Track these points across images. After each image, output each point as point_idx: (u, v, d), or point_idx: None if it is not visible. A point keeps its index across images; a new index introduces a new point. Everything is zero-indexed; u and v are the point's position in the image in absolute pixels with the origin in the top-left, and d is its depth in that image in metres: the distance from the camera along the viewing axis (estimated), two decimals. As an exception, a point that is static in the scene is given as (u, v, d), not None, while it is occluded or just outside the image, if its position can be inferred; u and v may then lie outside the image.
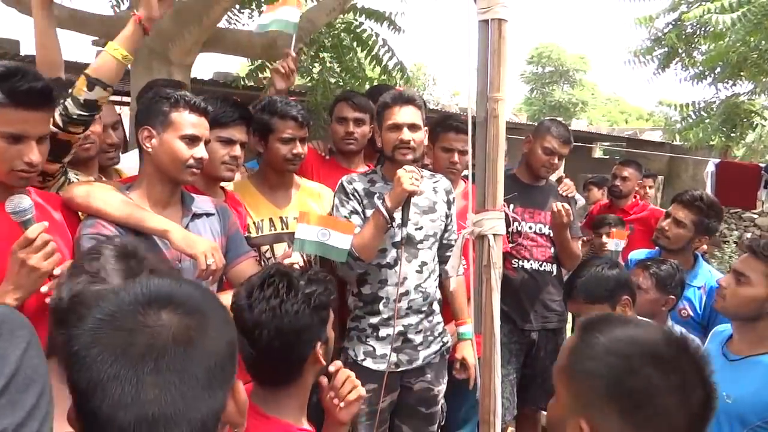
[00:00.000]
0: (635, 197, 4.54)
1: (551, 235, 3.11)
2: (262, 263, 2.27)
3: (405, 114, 2.34)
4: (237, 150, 2.25)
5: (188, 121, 1.85)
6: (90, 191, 1.81)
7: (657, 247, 2.97)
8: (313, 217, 2.13)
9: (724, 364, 2.02)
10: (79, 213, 1.86)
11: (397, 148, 2.33)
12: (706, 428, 0.98)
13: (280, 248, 2.40)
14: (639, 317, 1.67)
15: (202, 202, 2.03)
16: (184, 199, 1.97)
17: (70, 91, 1.85)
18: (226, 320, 0.86)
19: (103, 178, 2.38)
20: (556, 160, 3.07)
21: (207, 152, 1.91)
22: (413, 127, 2.35)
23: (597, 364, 0.99)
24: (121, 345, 0.75)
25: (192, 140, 1.85)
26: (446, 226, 2.55)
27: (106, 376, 0.73)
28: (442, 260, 2.50)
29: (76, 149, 2.05)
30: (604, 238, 3.60)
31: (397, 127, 2.32)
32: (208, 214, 2.01)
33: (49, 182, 1.97)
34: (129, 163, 2.54)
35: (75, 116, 1.84)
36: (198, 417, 0.76)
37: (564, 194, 3.29)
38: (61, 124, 1.84)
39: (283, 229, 2.44)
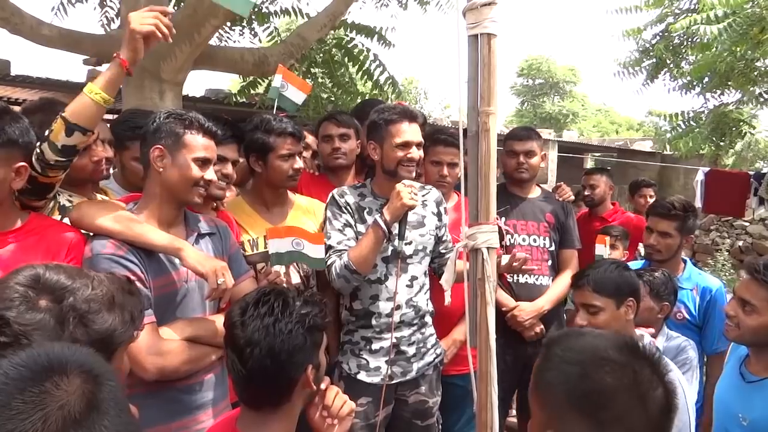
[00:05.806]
0: (613, 204, 4.54)
1: (546, 246, 3.12)
2: (258, 281, 2.26)
3: (414, 132, 2.35)
4: (228, 168, 2.27)
5: (201, 144, 1.86)
6: (99, 212, 1.79)
7: (646, 260, 2.99)
8: (283, 230, 2.17)
9: (741, 385, 1.98)
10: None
11: (403, 164, 2.34)
12: (670, 428, 1.02)
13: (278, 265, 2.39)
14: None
15: (204, 222, 2.03)
16: (187, 219, 1.97)
17: (46, 134, 1.75)
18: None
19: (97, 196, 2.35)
20: (522, 159, 3.11)
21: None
22: (419, 145, 2.37)
23: (554, 374, 1.05)
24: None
25: (204, 162, 1.86)
26: (439, 238, 2.55)
27: None
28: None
29: (92, 174, 2.11)
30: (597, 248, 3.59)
31: (407, 145, 2.33)
32: (210, 234, 2.01)
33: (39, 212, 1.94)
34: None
35: (53, 162, 1.76)
36: None
37: (562, 199, 3.33)
38: (39, 169, 1.77)
39: None
